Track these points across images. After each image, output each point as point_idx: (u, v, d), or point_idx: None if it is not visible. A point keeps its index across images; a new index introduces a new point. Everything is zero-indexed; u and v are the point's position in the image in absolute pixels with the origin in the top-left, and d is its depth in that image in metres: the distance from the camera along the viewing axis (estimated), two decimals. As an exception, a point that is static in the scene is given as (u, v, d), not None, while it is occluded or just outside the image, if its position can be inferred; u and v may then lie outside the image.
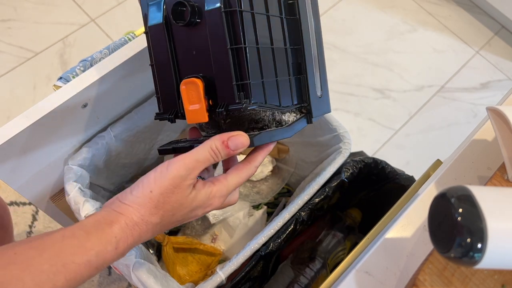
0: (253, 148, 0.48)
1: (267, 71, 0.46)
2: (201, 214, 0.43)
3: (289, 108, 0.51)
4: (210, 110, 0.43)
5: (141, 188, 0.39)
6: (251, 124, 0.51)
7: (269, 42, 0.47)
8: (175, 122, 0.48)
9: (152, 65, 0.49)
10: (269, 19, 0.46)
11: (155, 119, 0.50)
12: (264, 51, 0.45)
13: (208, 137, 0.53)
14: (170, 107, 0.48)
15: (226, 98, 0.43)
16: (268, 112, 0.49)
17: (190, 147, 0.44)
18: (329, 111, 0.57)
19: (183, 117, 0.46)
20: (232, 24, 0.42)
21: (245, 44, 0.42)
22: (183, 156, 0.41)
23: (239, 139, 0.43)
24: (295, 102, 0.51)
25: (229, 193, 0.44)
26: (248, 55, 0.42)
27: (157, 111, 0.72)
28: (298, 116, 0.53)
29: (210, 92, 0.44)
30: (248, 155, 0.47)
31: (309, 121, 0.54)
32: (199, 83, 0.43)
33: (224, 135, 0.43)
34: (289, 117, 0.52)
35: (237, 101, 0.42)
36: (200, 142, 0.45)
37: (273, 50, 0.47)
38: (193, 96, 0.43)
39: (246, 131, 0.52)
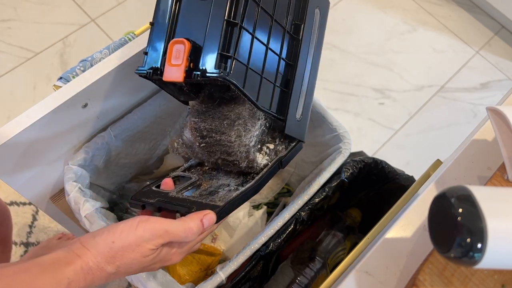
0: None
1: (254, 62, 0.48)
2: (158, 267, 0.44)
3: (265, 111, 0.51)
4: (188, 72, 0.46)
5: (105, 236, 0.40)
6: (223, 155, 0.53)
7: (266, 40, 0.49)
8: (151, 79, 0.50)
9: (151, 24, 0.51)
10: (272, 21, 0.49)
11: (135, 72, 0.52)
12: (258, 44, 0.48)
13: (186, 177, 0.56)
14: (153, 62, 0.51)
15: (207, 65, 0.45)
16: (243, 149, 0.51)
17: (159, 209, 0.46)
18: (303, 140, 0.60)
19: (161, 74, 0.48)
20: (236, 3, 0.45)
21: (242, 23, 0.45)
22: (156, 220, 0.41)
23: (210, 216, 0.43)
24: (273, 110, 0.53)
25: (189, 249, 0.45)
26: (241, 35, 0.45)
27: (156, 110, 0.72)
28: (271, 159, 0.55)
29: (194, 57, 0.46)
30: None
31: (281, 166, 0.56)
32: (187, 44, 0.45)
33: (200, 214, 0.43)
34: (262, 159, 0.55)
35: (215, 69, 0.44)
36: (168, 200, 0.47)
37: (267, 50, 0.50)
38: (178, 55, 0.46)
39: (216, 161, 0.55)
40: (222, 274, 0.56)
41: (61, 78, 0.65)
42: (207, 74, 0.44)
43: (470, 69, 1.56)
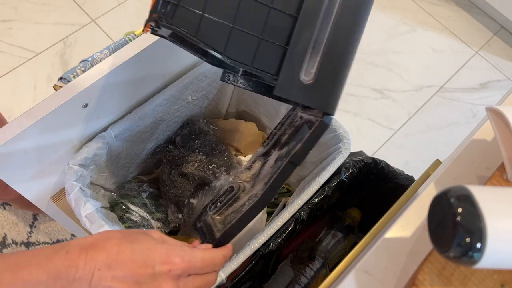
0: None
1: (218, 10, 0.44)
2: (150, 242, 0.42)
3: (235, 61, 0.46)
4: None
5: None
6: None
7: None
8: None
9: None
10: None
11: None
12: None
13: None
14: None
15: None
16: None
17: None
18: (323, 108, 0.52)
19: None
20: None
21: None
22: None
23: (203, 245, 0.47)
24: (258, 66, 0.47)
25: (193, 257, 0.42)
26: None
27: (156, 110, 0.72)
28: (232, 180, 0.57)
29: (154, 9, 0.43)
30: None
31: (297, 164, 0.50)
32: None
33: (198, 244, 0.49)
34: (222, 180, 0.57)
35: (153, 15, 0.42)
36: (204, 226, 0.56)
37: None
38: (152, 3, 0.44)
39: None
40: (222, 274, 0.56)
41: (61, 78, 0.65)
42: (148, 20, 0.42)
43: (469, 69, 1.56)
